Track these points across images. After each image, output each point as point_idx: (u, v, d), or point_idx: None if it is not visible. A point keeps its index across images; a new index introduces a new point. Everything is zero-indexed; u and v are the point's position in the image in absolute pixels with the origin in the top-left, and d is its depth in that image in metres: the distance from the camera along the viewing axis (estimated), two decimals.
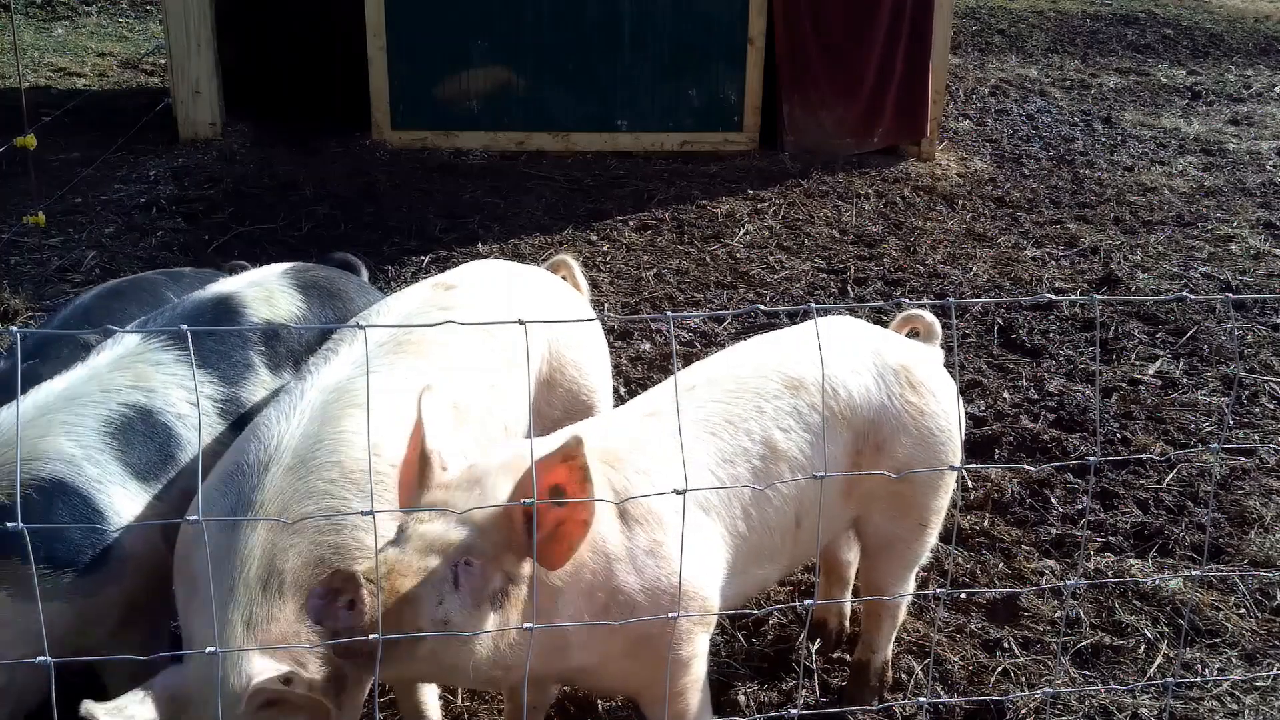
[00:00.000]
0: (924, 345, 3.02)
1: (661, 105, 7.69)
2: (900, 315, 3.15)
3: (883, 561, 2.93)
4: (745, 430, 2.55)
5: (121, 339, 2.69)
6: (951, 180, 7.39)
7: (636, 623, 2.28)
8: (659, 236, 6.35)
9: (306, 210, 6.41)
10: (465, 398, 2.70)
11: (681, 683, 2.45)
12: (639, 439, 2.46)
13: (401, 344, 2.70)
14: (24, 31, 10.08)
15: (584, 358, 3.09)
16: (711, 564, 2.44)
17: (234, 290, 2.94)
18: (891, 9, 7.55)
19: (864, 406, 2.70)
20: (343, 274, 3.26)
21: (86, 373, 2.61)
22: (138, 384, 2.59)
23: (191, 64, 7.24)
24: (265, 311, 2.89)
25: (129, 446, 2.51)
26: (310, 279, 3.07)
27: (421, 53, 7.42)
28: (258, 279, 3.02)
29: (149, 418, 2.56)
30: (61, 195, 6.34)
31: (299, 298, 2.98)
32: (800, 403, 2.62)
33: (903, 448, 2.73)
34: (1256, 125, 9.01)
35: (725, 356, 2.82)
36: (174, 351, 2.68)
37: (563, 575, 2.21)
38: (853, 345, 2.79)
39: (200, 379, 2.69)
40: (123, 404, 2.54)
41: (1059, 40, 11.67)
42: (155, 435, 2.56)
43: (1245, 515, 3.97)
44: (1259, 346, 5.25)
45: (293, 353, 2.89)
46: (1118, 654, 3.34)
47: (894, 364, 2.78)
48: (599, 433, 2.46)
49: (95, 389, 2.55)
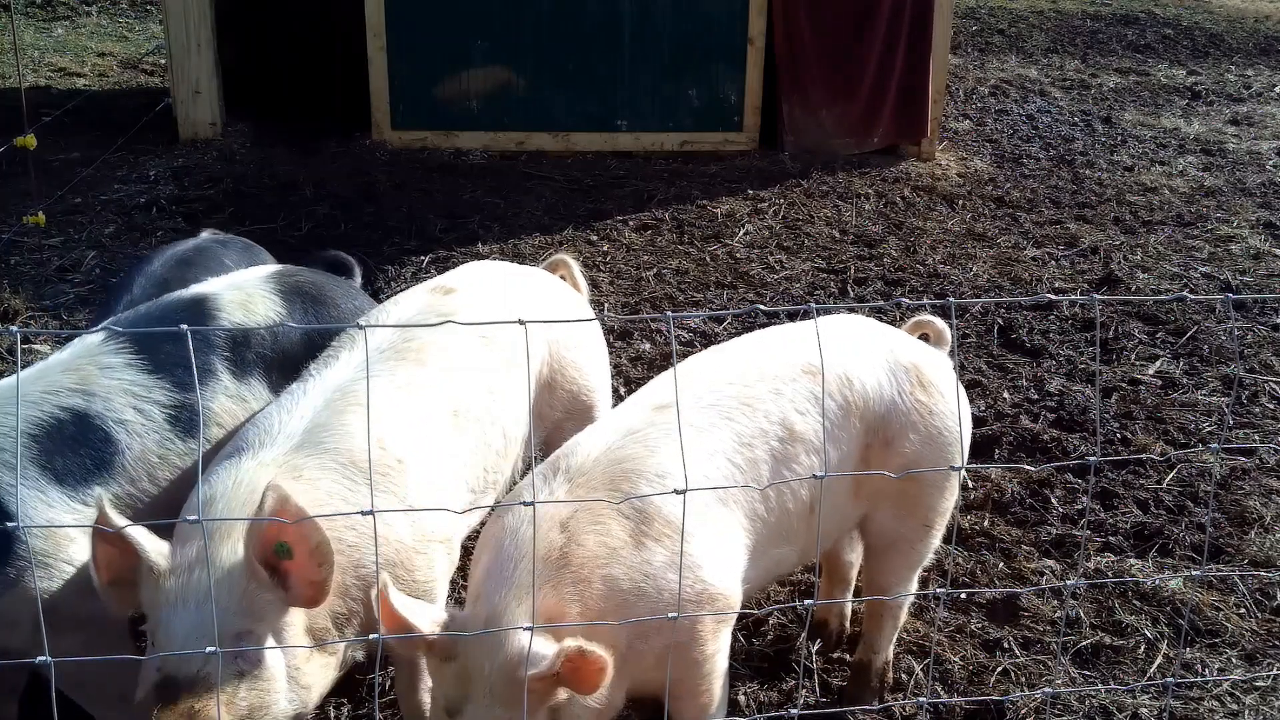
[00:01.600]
0: (934, 349, 3.04)
1: (661, 105, 7.69)
2: (912, 320, 3.17)
3: (887, 561, 2.94)
4: (764, 412, 2.56)
5: (85, 338, 2.63)
6: (951, 180, 7.39)
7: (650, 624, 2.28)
8: (659, 236, 6.35)
9: (306, 210, 6.41)
10: (464, 402, 2.70)
11: (707, 679, 2.47)
12: (651, 440, 2.45)
13: (401, 350, 2.69)
14: (24, 31, 10.08)
15: (584, 358, 3.09)
16: (732, 558, 2.46)
17: (212, 292, 2.87)
18: (891, 9, 7.55)
19: (876, 401, 2.72)
20: (331, 279, 3.19)
21: (37, 371, 2.56)
22: (80, 387, 2.54)
23: (191, 64, 7.24)
24: (240, 316, 2.83)
25: (51, 452, 2.44)
26: (294, 284, 2.99)
27: (421, 53, 7.42)
28: (239, 282, 2.95)
29: (83, 421, 2.49)
30: (61, 195, 6.34)
31: (279, 303, 2.90)
32: (818, 388, 2.63)
33: (911, 445, 2.74)
34: (1256, 125, 9.01)
35: (736, 344, 2.82)
36: (125, 355, 2.61)
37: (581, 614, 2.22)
38: (867, 341, 2.82)
39: (150, 384, 2.61)
40: (59, 406, 2.49)
41: (1059, 40, 11.67)
42: (87, 440, 2.49)
43: (1245, 515, 3.97)
44: (1259, 346, 5.25)
45: (262, 358, 2.82)
46: (1118, 654, 3.34)
47: (905, 362, 2.80)
48: (606, 441, 2.45)
49: (38, 390, 2.51)
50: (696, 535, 2.35)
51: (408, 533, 2.47)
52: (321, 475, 2.39)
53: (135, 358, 2.62)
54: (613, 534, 2.30)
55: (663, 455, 2.41)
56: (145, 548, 2.19)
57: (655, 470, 2.39)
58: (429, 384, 2.66)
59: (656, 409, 2.53)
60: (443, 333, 2.70)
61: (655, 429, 2.46)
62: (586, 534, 2.29)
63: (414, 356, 2.68)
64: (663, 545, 2.32)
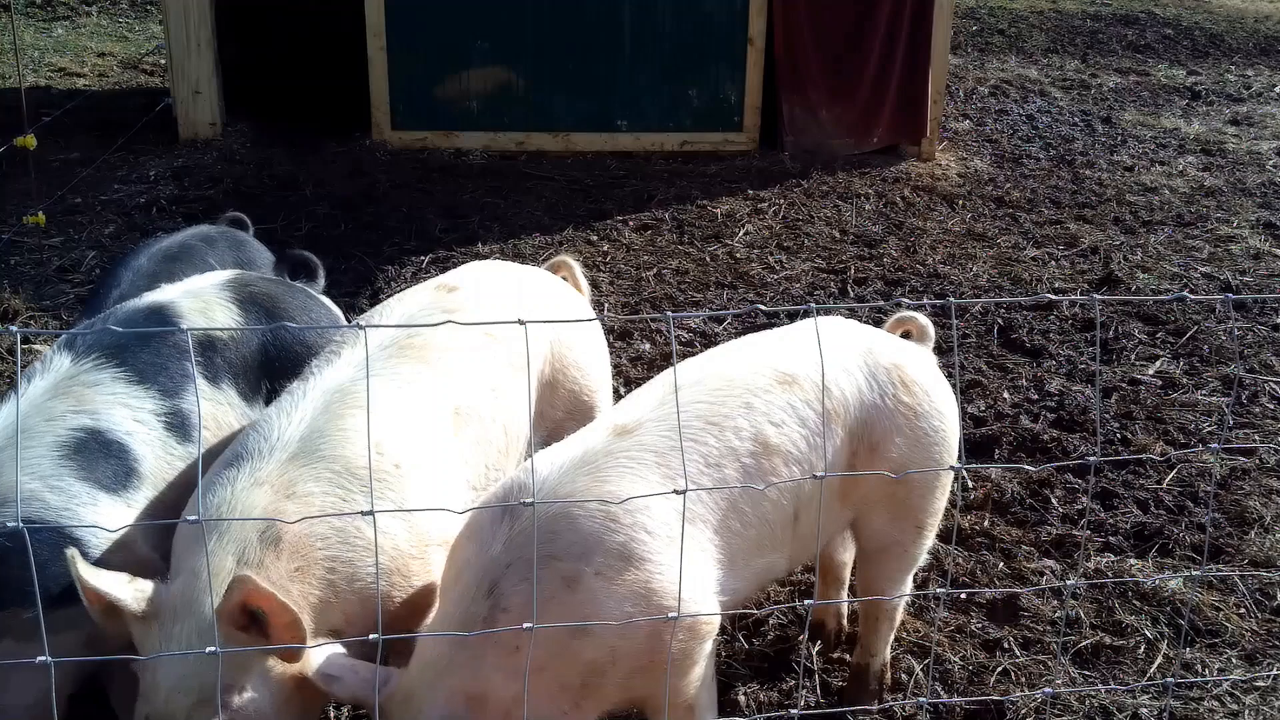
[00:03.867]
0: (917, 346, 3.00)
1: (661, 105, 7.69)
2: (894, 317, 3.13)
3: (880, 565, 2.92)
4: (733, 429, 2.50)
5: (50, 363, 2.62)
6: (951, 180, 7.39)
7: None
8: (659, 236, 6.35)
9: (306, 210, 6.41)
10: (466, 401, 2.70)
11: (690, 688, 2.44)
12: (603, 470, 2.37)
13: (404, 348, 2.69)
14: (24, 31, 10.08)
15: (585, 359, 3.08)
16: (701, 575, 2.40)
17: (169, 300, 2.86)
18: (891, 9, 7.55)
19: (857, 406, 2.68)
20: (288, 288, 3.14)
21: (25, 406, 2.53)
22: (80, 408, 2.54)
23: (191, 64, 7.24)
24: (201, 324, 2.82)
25: (87, 465, 2.46)
26: (250, 294, 2.96)
27: (421, 53, 7.42)
28: (195, 289, 2.93)
29: (100, 436, 2.51)
30: (61, 195, 6.34)
31: (237, 311, 2.88)
32: (794, 398, 2.58)
33: (897, 449, 2.71)
34: (1256, 125, 9.01)
35: (707, 357, 2.76)
36: (109, 370, 2.62)
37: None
38: (844, 345, 2.76)
39: (139, 394, 2.62)
40: (71, 428, 2.49)
41: (1059, 40, 11.67)
42: (111, 452, 2.51)
43: (1245, 515, 3.97)
44: (1259, 346, 5.25)
45: (230, 364, 2.81)
46: (1118, 654, 3.34)
47: (886, 364, 2.76)
48: (559, 466, 2.38)
49: (39, 420, 2.50)
50: (659, 557, 2.30)
51: (405, 539, 2.46)
52: (315, 488, 2.39)
53: (118, 370, 2.62)
54: (545, 586, 2.23)
55: (612, 486, 2.33)
56: (124, 600, 2.20)
57: (599, 504, 2.31)
58: (430, 382, 2.66)
59: (618, 433, 2.45)
60: (445, 330, 2.70)
61: (609, 458, 2.39)
62: (513, 596, 2.23)
63: (415, 354, 2.68)
64: (605, 579, 2.26)
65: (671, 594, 2.28)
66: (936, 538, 2.99)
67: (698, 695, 2.47)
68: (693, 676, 2.44)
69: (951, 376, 4.59)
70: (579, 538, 2.27)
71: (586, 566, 2.25)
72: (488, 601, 2.24)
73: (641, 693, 2.42)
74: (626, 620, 2.25)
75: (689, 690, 2.45)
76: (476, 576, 2.27)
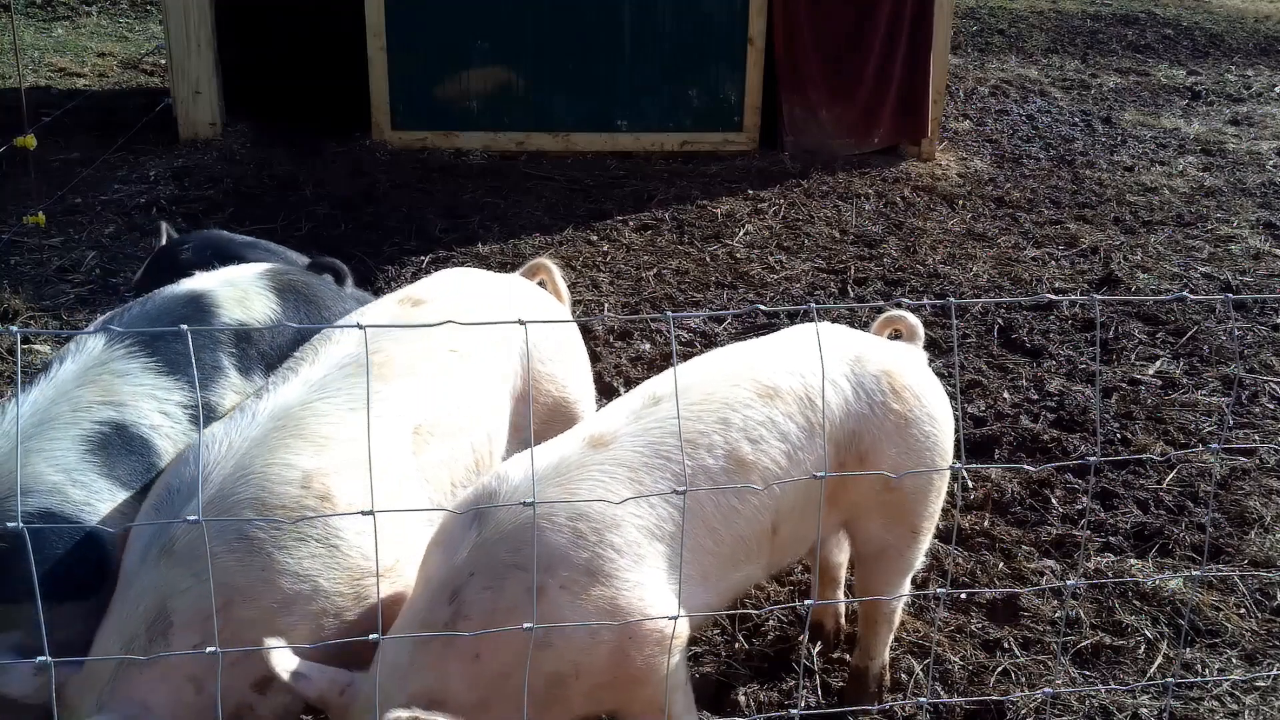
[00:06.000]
0: (906, 347, 2.96)
1: (661, 105, 7.69)
2: (881, 317, 3.08)
3: (876, 569, 2.90)
4: (706, 446, 2.46)
5: (84, 345, 2.60)
6: (951, 180, 7.39)
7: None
8: (659, 236, 6.35)
9: (306, 210, 6.41)
10: (428, 419, 2.62)
11: (660, 698, 2.41)
12: (572, 483, 2.35)
13: (362, 366, 2.57)
14: (24, 31, 10.08)
15: (561, 370, 2.98)
16: (668, 592, 2.37)
17: (208, 289, 2.84)
18: (891, 9, 7.55)
19: (843, 418, 2.63)
20: (320, 279, 3.17)
21: (53, 392, 2.51)
22: (107, 399, 2.52)
23: (191, 64, 7.24)
24: (239, 313, 2.80)
25: (110, 463, 2.45)
26: (287, 282, 2.96)
27: (421, 53, 7.42)
28: (233, 278, 2.92)
29: (124, 431, 2.50)
30: (61, 195, 6.34)
31: (274, 300, 2.88)
32: (775, 412, 2.54)
33: (888, 457, 2.67)
34: (1256, 125, 9.01)
35: (693, 366, 2.71)
36: (140, 360, 2.59)
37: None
38: (830, 354, 2.68)
39: (168, 385, 2.60)
40: (96, 421, 2.48)
41: (1059, 40, 11.67)
42: (133, 448, 2.50)
43: (1245, 515, 3.97)
44: (1259, 346, 5.25)
45: (264, 355, 2.80)
46: (1118, 654, 3.34)
47: (874, 371, 2.71)
48: (527, 477, 2.36)
49: (66, 409, 2.48)
50: (624, 579, 2.29)
51: (327, 579, 2.36)
52: (218, 550, 2.26)
53: (149, 360, 2.60)
54: (506, 595, 2.23)
55: (581, 498, 2.32)
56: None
57: (566, 519, 2.31)
58: (388, 401, 2.57)
59: (593, 444, 2.42)
60: (407, 347, 2.65)
61: (581, 470, 2.37)
62: (475, 603, 2.24)
63: (376, 371, 2.59)
64: (570, 593, 2.25)
65: (637, 611, 2.28)
66: (936, 538, 2.99)
67: (671, 703, 2.44)
68: (665, 688, 2.40)
69: (951, 377, 4.59)
70: (544, 550, 2.26)
71: (551, 579, 2.25)
72: (450, 608, 2.25)
73: (610, 705, 2.42)
74: (589, 635, 2.25)
75: (659, 700, 2.41)
76: (441, 582, 2.29)
